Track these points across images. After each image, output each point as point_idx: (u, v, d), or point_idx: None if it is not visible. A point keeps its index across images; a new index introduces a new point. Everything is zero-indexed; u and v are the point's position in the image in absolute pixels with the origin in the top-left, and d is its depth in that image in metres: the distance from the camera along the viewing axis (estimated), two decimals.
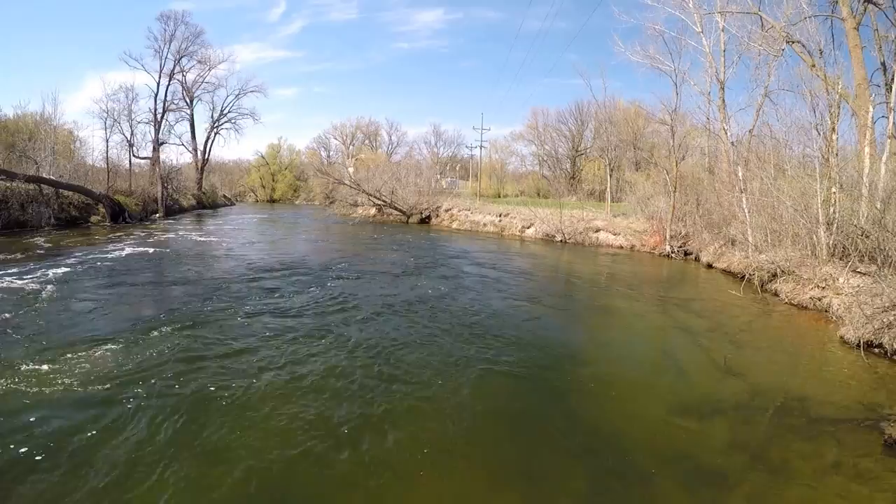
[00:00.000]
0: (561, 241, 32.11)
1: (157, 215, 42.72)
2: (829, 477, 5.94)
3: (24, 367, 8.07)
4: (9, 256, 18.63)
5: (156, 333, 10.13)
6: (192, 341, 9.69)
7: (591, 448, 6.42)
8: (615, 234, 30.50)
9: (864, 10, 15.10)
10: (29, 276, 15.22)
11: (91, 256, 19.88)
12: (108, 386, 7.61)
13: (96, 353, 8.94)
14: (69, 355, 8.70)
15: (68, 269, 16.77)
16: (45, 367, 8.15)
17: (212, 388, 7.62)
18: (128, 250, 22.55)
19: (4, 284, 14.05)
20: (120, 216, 36.25)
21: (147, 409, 6.89)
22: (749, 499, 5.53)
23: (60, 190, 32.88)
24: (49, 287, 14.00)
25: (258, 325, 11.23)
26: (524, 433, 6.85)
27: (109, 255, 20.55)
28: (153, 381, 7.78)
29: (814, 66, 16.84)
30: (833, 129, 16.19)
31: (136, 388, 7.49)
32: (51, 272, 15.97)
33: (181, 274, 17.53)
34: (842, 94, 15.99)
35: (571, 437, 6.69)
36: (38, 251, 20.91)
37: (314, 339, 10.31)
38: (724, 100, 25.37)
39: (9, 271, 15.80)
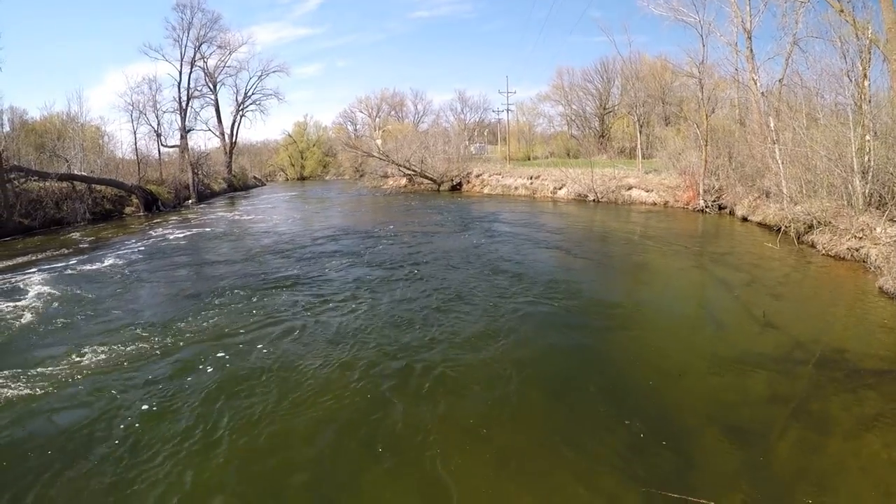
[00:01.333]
0: (594, 200, 32.17)
1: (190, 201, 43.31)
2: (872, 428, 5.98)
3: (100, 343, 8.82)
4: (54, 253, 19.31)
5: (224, 300, 11.23)
6: (251, 309, 10.29)
7: (632, 406, 6.56)
8: (648, 191, 30.45)
9: None
10: (81, 266, 16.07)
11: (135, 245, 20.68)
12: (195, 350, 8.56)
13: (177, 324, 9.78)
14: (139, 333, 9.46)
15: (115, 257, 17.60)
16: (118, 344, 8.87)
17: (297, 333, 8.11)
18: (170, 235, 23.53)
19: (60, 276, 14.71)
20: (153, 205, 36.97)
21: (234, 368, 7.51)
22: (791, 451, 5.62)
23: (93, 185, 33.56)
24: (104, 273, 15.00)
25: (317, 288, 12.36)
26: (564, 393, 7.06)
27: (151, 242, 21.45)
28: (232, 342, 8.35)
29: (842, 11, 16.43)
30: (864, 75, 15.87)
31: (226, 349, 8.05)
32: (99, 262, 16.90)
33: (231, 251, 18.59)
34: (872, 39, 15.62)
35: (611, 396, 6.85)
36: (81, 245, 21.46)
37: (364, 298, 11.34)
38: (751, 49, 24.87)
39: (55, 265, 16.51)
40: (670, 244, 17.77)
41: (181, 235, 23.36)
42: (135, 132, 44.18)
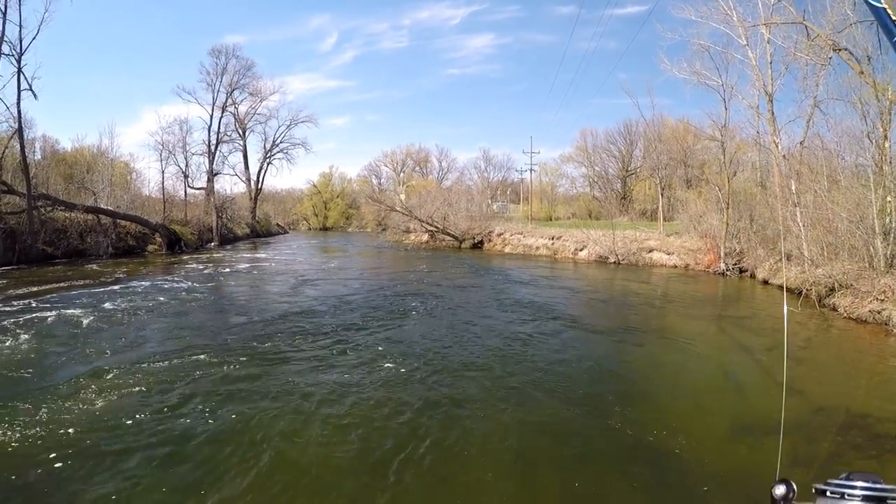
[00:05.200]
0: (614, 262, 31.82)
1: (213, 244, 43.96)
2: None
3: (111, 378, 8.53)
4: (78, 282, 19.75)
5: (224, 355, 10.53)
6: (259, 360, 10.09)
7: (653, 472, 6.24)
8: (669, 254, 30.18)
9: None
10: (102, 302, 16.01)
11: (159, 282, 20.82)
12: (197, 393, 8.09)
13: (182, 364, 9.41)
14: (142, 372, 9.12)
15: (139, 294, 17.63)
16: (127, 379, 8.63)
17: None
18: (193, 276, 23.60)
19: (81, 306, 14.65)
20: (176, 245, 37.36)
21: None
22: None
23: (118, 220, 34.12)
24: (124, 310, 14.88)
25: (336, 340, 11.79)
26: (585, 460, 6.62)
27: (174, 281, 21.51)
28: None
29: (862, 72, 16.45)
30: (885, 136, 15.79)
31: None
32: (122, 296, 16.93)
33: (250, 296, 18.65)
34: (892, 99, 15.56)
35: (634, 463, 6.50)
36: (105, 278, 21.72)
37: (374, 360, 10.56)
38: (773, 112, 24.84)
39: (78, 294, 16.87)
40: (691, 307, 17.47)
41: (204, 277, 23.52)
42: (163, 171, 44.99)
